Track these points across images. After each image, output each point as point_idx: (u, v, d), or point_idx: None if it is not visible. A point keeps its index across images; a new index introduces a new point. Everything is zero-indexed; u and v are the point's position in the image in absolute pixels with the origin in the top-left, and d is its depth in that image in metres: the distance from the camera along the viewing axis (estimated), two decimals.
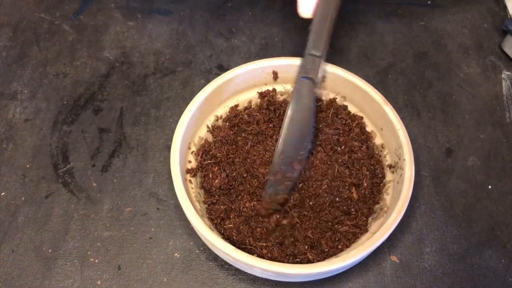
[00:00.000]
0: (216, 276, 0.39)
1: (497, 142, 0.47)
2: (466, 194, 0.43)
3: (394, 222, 0.36)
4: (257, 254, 0.37)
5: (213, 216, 0.39)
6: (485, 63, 0.52)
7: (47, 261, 0.40)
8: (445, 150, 0.46)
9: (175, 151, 0.39)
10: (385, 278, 0.39)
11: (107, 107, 0.49)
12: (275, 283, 0.39)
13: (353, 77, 0.43)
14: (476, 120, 0.48)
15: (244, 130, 0.43)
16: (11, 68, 0.52)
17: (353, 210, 0.39)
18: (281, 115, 0.44)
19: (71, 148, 0.46)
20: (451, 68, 0.52)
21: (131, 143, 0.46)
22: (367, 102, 0.43)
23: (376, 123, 0.44)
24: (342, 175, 0.41)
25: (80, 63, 0.52)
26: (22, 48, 0.54)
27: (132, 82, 0.51)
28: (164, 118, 0.48)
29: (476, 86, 0.51)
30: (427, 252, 0.40)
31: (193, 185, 0.41)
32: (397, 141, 0.40)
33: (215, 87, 0.43)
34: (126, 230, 0.41)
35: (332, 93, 0.45)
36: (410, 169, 0.38)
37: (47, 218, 0.42)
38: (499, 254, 0.40)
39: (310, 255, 0.37)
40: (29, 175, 0.44)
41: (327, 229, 0.38)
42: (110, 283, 0.39)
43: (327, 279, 0.39)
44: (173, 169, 0.38)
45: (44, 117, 0.48)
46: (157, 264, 0.40)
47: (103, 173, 0.45)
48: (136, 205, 0.43)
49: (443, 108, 0.49)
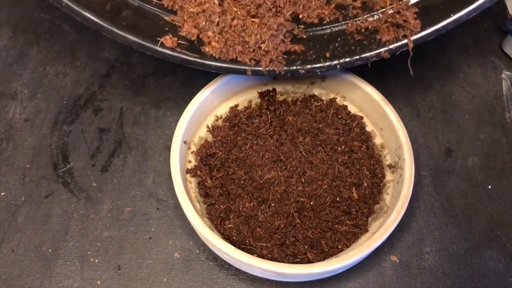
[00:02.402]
0: (216, 276, 0.39)
1: (497, 142, 0.47)
2: (466, 194, 0.43)
3: (394, 222, 0.36)
4: (257, 254, 0.37)
5: (213, 216, 0.39)
6: (485, 63, 0.52)
7: (47, 261, 0.40)
8: (445, 150, 0.46)
9: (175, 151, 0.39)
10: (385, 278, 0.39)
11: (107, 107, 0.49)
12: (275, 283, 0.39)
13: (353, 77, 0.43)
14: (476, 120, 0.48)
15: (244, 130, 0.43)
16: (11, 68, 0.52)
17: (353, 210, 0.39)
18: (281, 115, 0.44)
19: (71, 148, 0.46)
20: (451, 68, 0.52)
21: (131, 143, 0.46)
22: (367, 102, 0.43)
23: (376, 123, 0.44)
24: (343, 175, 0.41)
25: (80, 63, 0.52)
26: (22, 48, 0.54)
27: (132, 82, 0.51)
28: (164, 118, 0.48)
29: (476, 86, 0.51)
30: (427, 252, 0.40)
31: (193, 185, 0.41)
32: (397, 141, 0.40)
33: (215, 87, 0.43)
34: (126, 230, 0.41)
35: (332, 93, 0.45)
36: (410, 169, 0.38)
37: (47, 218, 0.42)
38: (499, 254, 0.40)
39: (310, 255, 0.37)
40: (29, 175, 0.44)
41: (327, 229, 0.38)
42: (110, 283, 0.39)
43: (327, 279, 0.39)
44: (173, 169, 0.38)
45: (44, 117, 0.48)
46: (157, 264, 0.40)
47: (103, 173, 0.45)
48: (136, 205, 0.43)
49: (443, 108, 0.49)
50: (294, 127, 0.43)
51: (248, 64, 0.38)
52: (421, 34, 0.37)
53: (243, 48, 0.37)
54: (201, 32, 0.38)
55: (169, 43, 0.36)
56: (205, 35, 0.37)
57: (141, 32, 0.36)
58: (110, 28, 0.35)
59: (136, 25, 0.36)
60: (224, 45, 0.37)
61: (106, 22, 0.35)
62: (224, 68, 0.38)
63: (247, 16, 0.37)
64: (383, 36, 0.37)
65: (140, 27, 0.36)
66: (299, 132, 0.43)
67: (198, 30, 0.37)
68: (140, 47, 0.36)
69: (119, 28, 0.35)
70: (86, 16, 0.35)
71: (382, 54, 0.38)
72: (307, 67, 0.38)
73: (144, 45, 0.36)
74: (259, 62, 0.38)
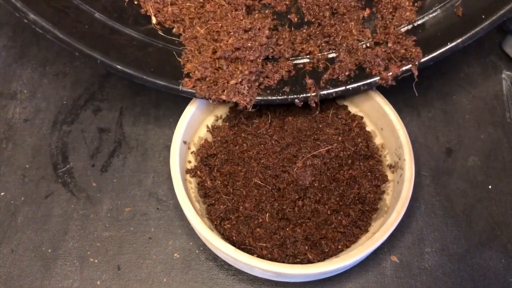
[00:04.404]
0: (216, 276, 0.39)
1: (497, 142, 0.47)
2: (466, 194, 0.43)
3: (394, 222, 0.36)
4: (257, 254, 0.37)
5: (212, 216, 0.39)
6: (485, 63, 0.52)
7: (46, 261, 0.40)
8: (445, 150, 0.46)
9: (175, 151, 0.39)
10: (385, 278, 0.39)
11: (107, 107, 0.49)
12: (275, 283, 0.39)
13: None
14: (476, 120, 0.48)
15: (244, 130, 0.43)
16: (11, 68, 0.52)
17: (354, 210, 0.39)
18: (281, 115, 0.44)
19: (70, 148, 0.46)
20: (451, 68, 0.52)
21: (131, 143, 0.46)
22: (367, 102, 0.43)
23: (376, 123, 0.44)
24: (342, 175, 0.40)
25: (80, 63, 0.52)
26: (22, 48, 0.53)
27: (132, 82, 0.51)
28: (164, 118, 0.48)
29: (476, 86, 0.51)
30: (427, 252, 0.40)
31: (192, 185, 0.41)
32: (397, 141, 0.40)
33: None
34: (125, 230, 0.41)
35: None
36: (410, 169, 0.38)
37: (46, 218, 0.42)
38: (499, 254, 0.40)
39: (310, 255, 0.37)
40: (29, 175, 0.44)
41: (327, 229, 0.38)
42: (110, 283, 0.39)
43: (327, 279, 0.39)
44: (172, 169, 0.38)
45: (43, 117, 0.48)
46: (157, 264, 0.40)
47: (102, 173, 0.44)
48: (136, 205, 0.43)
49: (443, 108, 0.49)
50: (294, 127, 0.43)
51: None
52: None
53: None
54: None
55: (189, 86, 0.40)
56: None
57: (167, 76, 0.40)
58: (141, 76, 0.40)
59: (161, 69, 0.41)
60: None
61: (137, 71, 0.40)
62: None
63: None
64: (392, 68, 0.40)
65: (165, 71, 0.40)
66: (299, 132, 0.43)
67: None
68: (168, 89, 0.40)
69: (148, 75, 0.40)
70: (120, 69, 0.40)
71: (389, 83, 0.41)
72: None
73: (171, 87, 0.40)
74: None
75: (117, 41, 0.41)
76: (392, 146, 0.41)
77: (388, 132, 0.42)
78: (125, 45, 0.41)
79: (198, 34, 0.41)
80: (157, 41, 0.42)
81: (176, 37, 0.43)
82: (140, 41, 0.42)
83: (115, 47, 0.40)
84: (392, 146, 0.41)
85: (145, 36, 0.42)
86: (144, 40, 0.42)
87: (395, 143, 0.41)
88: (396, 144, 0.41)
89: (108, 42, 0.40)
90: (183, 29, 0.42)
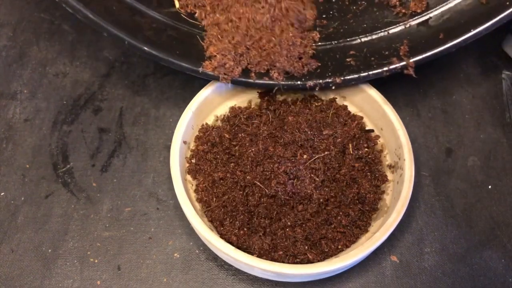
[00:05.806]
0: (216, 276, 0.39)
1: (497, 142, 0.47)
2: (466, 194, 0.43)
3: (394, 222, 0.36)
4: (256, 254, 0.37)
5: (212, 217, 0.39)
6: (485, 62, 0.52)
7: (46, 261, 0.40)
8: (445, 150, 0.46)
9: (175, 151, 0.39)
10: (385, 278, 0.39)
11: (107, 107, 0.49)
12: (275, 283, 0.39)
13: None
14: (476, 120, 0.48)
15: (244, 130, 0.43)
16: (11, 68, 0.52)
17: (353, 210, 0.39)
18: (281, 115, 0.44)
19: (70, 148, 0.46)
20: (451, 68, 0.52)
21: (131, 143, 0.46)
22: (367, 102, 0.43)
23: (376, 123, 0.44)
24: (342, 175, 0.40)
25: (80, 63, 0.52)
26: (22, 48, 0.53)
27: (132, 82, 0.51)
28: (164, 118, 0.48)
29: (476, 86, 0.51)
30: (427, 252, 0.40)
31: (193, 185, 0.41)
32: (397, 141, 0.40)
33: (215, 87, 0.43)
34: (125, 230, 0.41)
35: (332, 93, 0.45)
36: (410, 169, 0.38)
37: (46, 218, 0.42)
38: (499, 254, 0.40)
39: (310, 255, 0.37)
40: (29, 175, 0.44)
41: (327, 229, 0.38)
42: (110, 283, 0.39)
43: (327, 279, 0.39)
44: (172, 169, 0.38)
45: (43, 117, 0.48)
46: (157, 264, 0.40)
47: (102, 173, 0.44)
48: (136, 205, 0.43)
49: (443, 108, 0.49)
50: (294, 127, 0.43)
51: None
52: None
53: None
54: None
55: (209, 68, 0.40)
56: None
57: (191, 59, 0.41)
58: (167, 58, 0.41)
59: (186, 52, 0.41)
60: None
61: (163, 54, 0.40)
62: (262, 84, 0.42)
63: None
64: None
65: (192, 54, 0.41)
66: (299, 132, 0.42)
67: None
68: (192, 72, 0.41)
69: (174, 57, 0.41)
70: (147, 51, 0.40)
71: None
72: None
73: (195, 70, 0.41)
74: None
75: (142, 22, 0.42)
76: (392, 146, 0.41)
77: (388, 132, 0.42)
78: (149, 27, 0.42)
79: (219, 21, 0.42)
80: (181, 24, 0.43)
81: (199, 21, 0.44)
82: (164, 23, 0.43)
83: (141, 29, 0.41)
84: (392, 146, 0.41)
85: (169, 19, 0.43)
86: (168, 23, 0.43)
87: (395, 143, 0.41)
88: (396, 144, 0.41)
89: (134, 23, 0.41)
90: (205, 14, 0.43)
